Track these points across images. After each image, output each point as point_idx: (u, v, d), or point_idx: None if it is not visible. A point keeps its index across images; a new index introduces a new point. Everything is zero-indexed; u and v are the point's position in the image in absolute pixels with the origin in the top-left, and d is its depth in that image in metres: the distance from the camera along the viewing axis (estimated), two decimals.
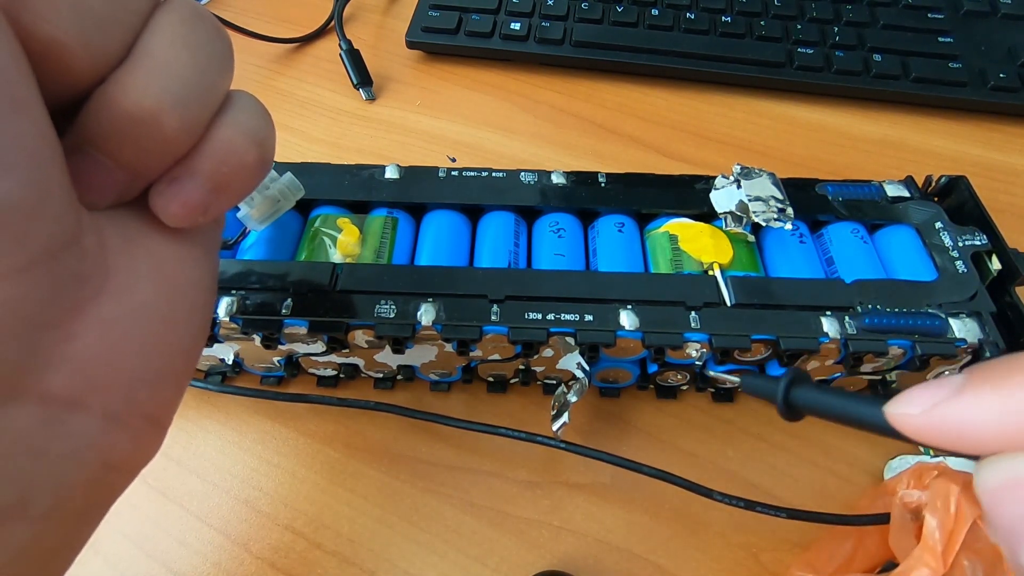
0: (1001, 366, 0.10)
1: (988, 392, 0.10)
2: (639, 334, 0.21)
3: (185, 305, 0.14)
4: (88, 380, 0.12)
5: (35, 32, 0.10)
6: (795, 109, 0.36)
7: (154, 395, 0.14)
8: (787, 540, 0.22)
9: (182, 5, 0.13)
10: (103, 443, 0.13)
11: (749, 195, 0.24)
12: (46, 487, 0.12)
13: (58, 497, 0.12)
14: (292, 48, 0.40)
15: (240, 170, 0.14)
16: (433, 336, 0.22)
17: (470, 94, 0.37)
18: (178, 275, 0.14)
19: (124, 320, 0.13)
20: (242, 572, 0.22)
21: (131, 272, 0.13)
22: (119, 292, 0.13)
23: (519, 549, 0.22)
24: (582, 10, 0.38)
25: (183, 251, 0.15)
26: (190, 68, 0.13)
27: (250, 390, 0.24)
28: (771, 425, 0.25)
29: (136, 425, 0.13)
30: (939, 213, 0.25)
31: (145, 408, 0.14)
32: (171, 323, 0.14)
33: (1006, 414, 0.10)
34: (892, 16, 0.37)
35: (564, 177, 0.26)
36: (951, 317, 0.22)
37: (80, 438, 0.12)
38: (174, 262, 0.14)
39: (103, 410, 0.12)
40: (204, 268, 0.15)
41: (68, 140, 0.12)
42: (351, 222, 0.24)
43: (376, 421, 0.25)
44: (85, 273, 0.12)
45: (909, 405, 0.11)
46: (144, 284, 0.13)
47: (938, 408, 0.11)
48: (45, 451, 0.12)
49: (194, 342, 0.15)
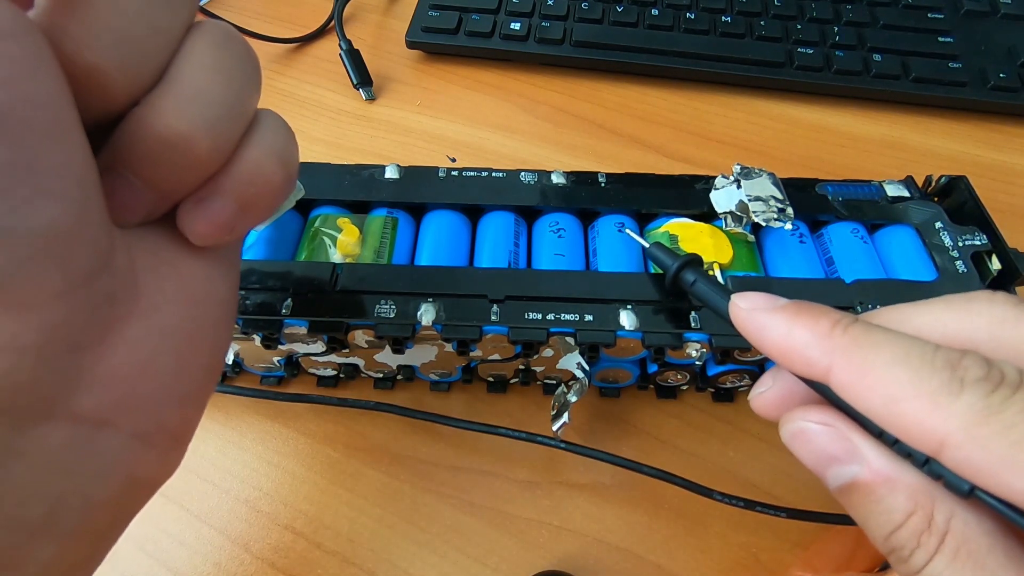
0: (815, 309, 0.13)
1: (788, 317, 0.13)
2: (639, 334, 0.21)
3: (209, 322, 0.14)
4: (117, 400, 0.12)
5: (76, 59, 0.11)
6: (795, 109, 0.36)
7: (179, 413, 0.14)
8: (787, 540, 0.22)
9: (214, 29, 0.13)
10: (130, 461, 0.13)
11: (749, 195, 0.24)
12: (74, 505, 0.12)
13: (85, 514, 0.12)
14: (292, 48, 0.40)
15: (267, 189, 0.14)
16: (433, 336, 0.22)
17: (470, 94, 0.37)
18: (202, 293, 0.14)
19: (152, 340, 0.13)
20: (242, 572, 0.22)
21: (159, 291, 0.13)
22: (148, 311, 0.13)
23: (519, 549, 0.22)
24: (582, 10, 0.38)
25: (207, 269, 0.15)
26: (222, 92, 0.13)
27: (250, 390, 0.24)
28: (771, 425, 0.25)
29: (162, 443, 0.14)
30: (939, 213, 0.25)
31: (171, 426, 0.14)
32: (196, 341, 0.14)
33: (788, 338, 0.13)
34: (892, 16, 0.37)
35: (564, 177, 0.26)
36: None
37: (108, 456, 0.12)
38: (199, 280, 0.14)
39: (131, 429, 0.13)
40: (227, 285, 0.15)
41: (100, 161, 0.12)
42: (351, 222, 0.24)
43: (376, 421, 0.25)
44: (117, 293, 0.12)
45: (743, 300, 0.14)
46: (171, 303, 0.13)
47: (757, 312, 0.14)
48: (74, 469, 0.12)
49: (216, 359, 0.15)
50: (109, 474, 0.12)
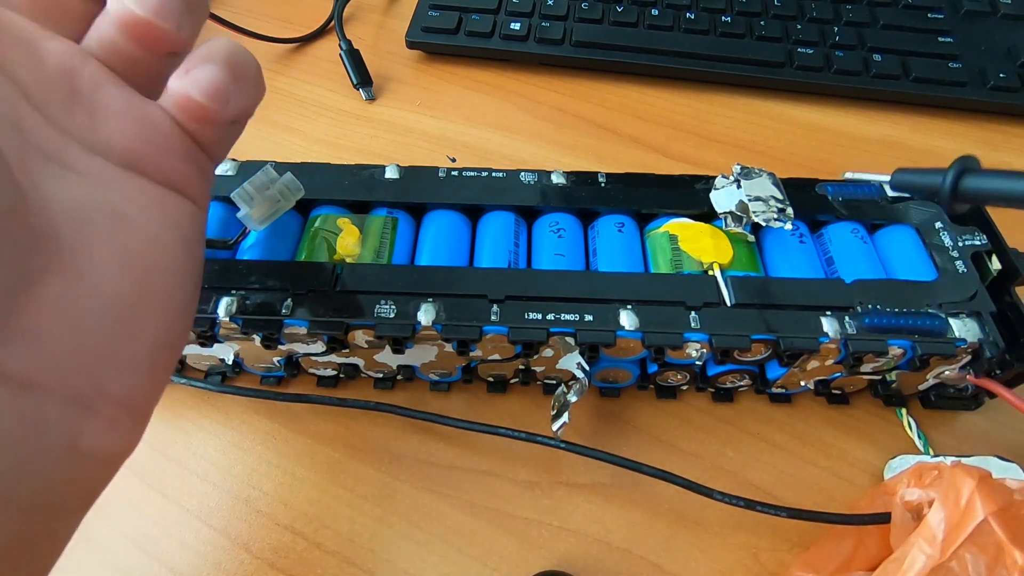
0: None
1: None
2: (639, 334, 0.21)
3: (160, 289, 0.14)
4: (45, 359, 0.12)
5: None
6: (795, 109, 0.36)
7: (124, 380, 0.13)
8: (787, 540, 0.22)
9: None
10: (68, 427, 0.12)
11: (749, 195, 0.24)
12: (5, 472, 0.11)
13: (21, 484, 0.12)
14: (292, 48, 0.40)
15: (249, 62, 0.15)
16: (433, 336, 0.22)
17: (470, 94, 0.37)
18: (152, 259, 0.14)
19: (83, 299, 0.12)
20: (242, 572, 0.22)
21: (91, 251, 0.13)
22: (76, 270, 0.12)
23: (519, 549, 0.22)
24: (582, 10, 0.38)
25: (159, 233, 0.14)
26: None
27: (250, 390, 0.24)
28: (771, 425, 0.25)
29: (109, 412, 0.13)
30: (939, 213, 0.25)
31: (115, 393, 0.13)
32: (143, 306, 0.14)
33: None
34: (892, 16, 0.37)
35: (564, 177, 0.26)
36: (951, 317, 0.22)
37: (41, 421, 0.12)
38: (148, 244, 0.14)
39: (67, 393, 0.12)
40: (184, 254, 0.15)
41: None
42: (351, 222, 0.24)
43: (376, 421, 0.25)
44: (26, 245, 0.12)
45: None
46: (108, 265, 0.13)
47: None
48: (2, 433, 0.11)
49: (171, 329, 0.15)
50: (45, 441, 0.12)
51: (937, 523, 0.17)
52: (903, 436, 0.25)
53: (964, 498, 0.17)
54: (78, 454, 0.13)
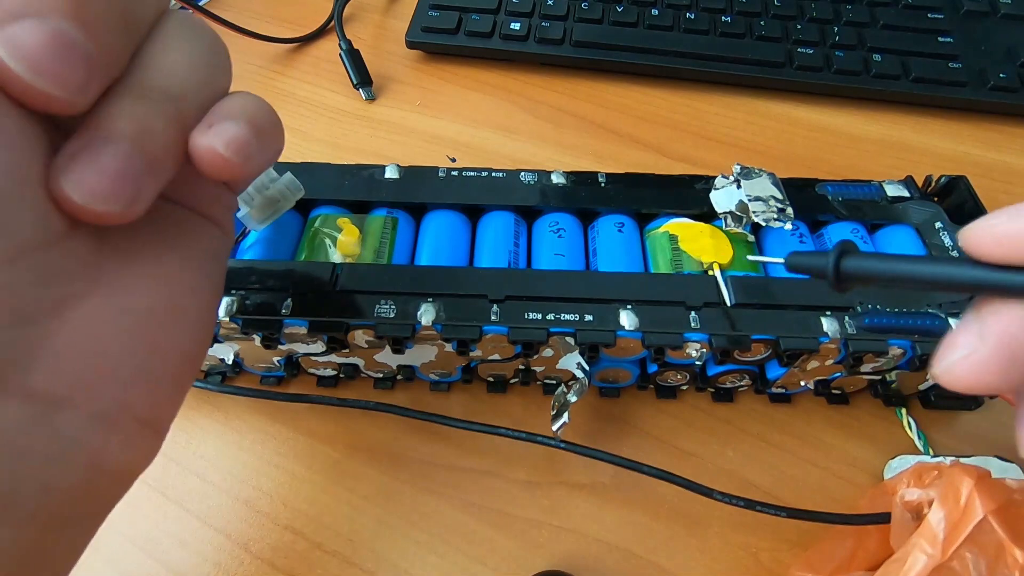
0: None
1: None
2: (639, 334, 0.21)
3: (186, 310, 0.14)
4: (74, 377, 0.12)
5: None
6: (795, 109, 0.36)
7: (148, 397, 0.14)
8: (787, 540, 0.22)
9: (182, 17, 0.14)
10: (92, 444, 0.13)
11: (749, 195, 0.24)
12: (30, 487, 0.12)
13: (44, 499, 0.12)
14: (292, 48, 0.40)
15: (270, 118, 0.15)
16: (433, 336, 0.22)
17: (470, 94, 0.37)
18: (180, 281, 0.14)
19: (114, 320, 0.13)
20: (242, 572, 0.22)
21: (126, 275, 0.13)
22: (110, 293, 0.13)
23: (519, 549, 0.22)
24: (582, 10, 0.38)
25: (187, 257, 0.15)
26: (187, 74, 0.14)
27: (250, 390, 0.24)
28: (771, 425, 0.25)
29: (129, 428, 0.13)
30: (939, 213, 0.25)
31: (138, 410, 0.14)
32: (169, 326, 0.14)
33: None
34: (892, 16, 0.37)
35: (564, 177, 0.26)
36: (951, 317, 0.22)
37: (67, 438, 0.12)
38: (177, 267, 0.14)
39: (91, 410, 0.12)
40: (209, 275, 0.15)
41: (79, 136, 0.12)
42: (351, 222, 0.24)
43: (376, 421, 0.25)
44: (72, 271, 0.12)
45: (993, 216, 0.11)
46: (140, 288, 0.13)
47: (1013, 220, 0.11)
48: (29, 449, 0.11)
49: (195, 346, 0.15)
50: (69, 456, 0.12)
51: (937, 523, 0.17)
52: (903, 436, 0.25)
53: (963, 497, 0.17)
54: (100, 470, 0.13)
